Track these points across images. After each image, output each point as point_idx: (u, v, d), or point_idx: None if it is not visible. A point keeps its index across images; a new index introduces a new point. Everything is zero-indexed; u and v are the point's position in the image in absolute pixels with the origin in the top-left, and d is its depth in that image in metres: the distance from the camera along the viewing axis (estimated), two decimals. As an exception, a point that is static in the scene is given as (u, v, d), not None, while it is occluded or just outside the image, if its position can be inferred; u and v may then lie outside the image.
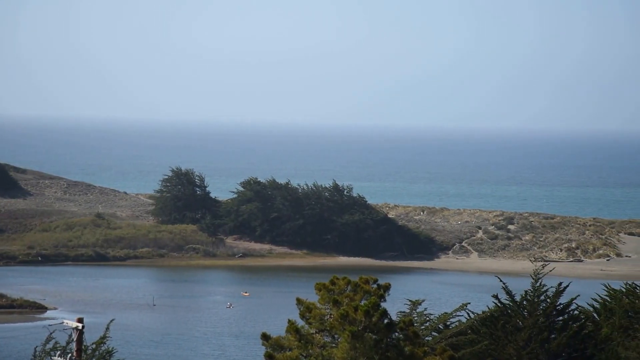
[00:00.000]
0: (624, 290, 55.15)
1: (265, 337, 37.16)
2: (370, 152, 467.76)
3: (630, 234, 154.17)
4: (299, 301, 37.10)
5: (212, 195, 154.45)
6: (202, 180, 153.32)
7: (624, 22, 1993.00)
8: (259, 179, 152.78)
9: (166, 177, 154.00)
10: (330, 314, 36.45)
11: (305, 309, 36.79)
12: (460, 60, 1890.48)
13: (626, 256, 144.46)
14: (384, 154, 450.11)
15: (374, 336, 35.70)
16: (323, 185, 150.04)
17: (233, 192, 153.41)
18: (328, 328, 36.26)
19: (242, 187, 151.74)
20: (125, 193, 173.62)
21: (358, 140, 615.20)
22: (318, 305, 36.99)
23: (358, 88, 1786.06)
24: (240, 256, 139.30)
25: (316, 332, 36.64)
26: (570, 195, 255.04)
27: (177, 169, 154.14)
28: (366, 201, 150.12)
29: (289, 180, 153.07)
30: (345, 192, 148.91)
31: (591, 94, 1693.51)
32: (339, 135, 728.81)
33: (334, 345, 36.22)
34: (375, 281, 37.61)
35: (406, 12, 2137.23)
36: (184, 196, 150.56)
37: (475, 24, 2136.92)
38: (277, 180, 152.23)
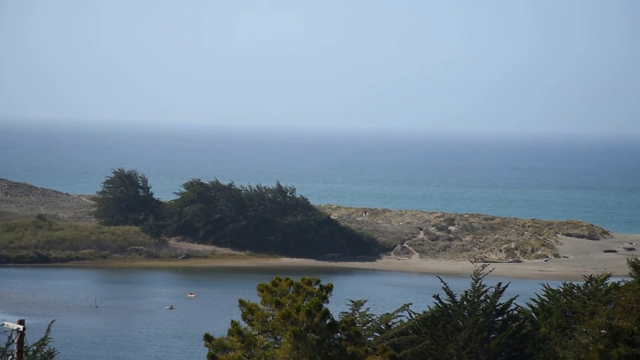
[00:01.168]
0: (561, 290, 56.14)
1: (208, 338, 37.39)
2: (322, 155, 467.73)
3: (568, 234, 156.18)
4: (241, 303, 37.36)
5: (155, 196, 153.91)
6: (144, 181, 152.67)
7: (620, 26, 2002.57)
8: (202, 181, 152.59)
9: (109, 178, 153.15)
10: (273, 315, 36.75)
11: (248, 311, 37.08)
12: (453, 61, 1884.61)
13: (564, 257, 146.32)
14: (335, 157, 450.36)
15: (316, 336, 36.05)
16: (267, 187, 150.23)
17: (176, 193, 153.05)
18: (270, 329, 36.57)
19: (185, 188, 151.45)
20: (68, 194, 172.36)
21: (315, 144, 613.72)
22: (260, 306, 37.27)
23: (346, 87, 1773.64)
24: (183, 257, 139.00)
25: (259, 334, 36.93)
26: (511, 197, 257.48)
27: (119, 170, 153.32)
28: (309, 202, 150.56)
29: (232, 182, 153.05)
30: (288, 194, 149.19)
31: (586, 97, 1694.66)
32: (299, 137, 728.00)
33: (276, 346, 36.53)
34: (318, 282, 37.98)
35: (402, 11, 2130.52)
36: (126, 197, 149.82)
37: (468, 25, 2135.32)
38: (220, 182, 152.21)
